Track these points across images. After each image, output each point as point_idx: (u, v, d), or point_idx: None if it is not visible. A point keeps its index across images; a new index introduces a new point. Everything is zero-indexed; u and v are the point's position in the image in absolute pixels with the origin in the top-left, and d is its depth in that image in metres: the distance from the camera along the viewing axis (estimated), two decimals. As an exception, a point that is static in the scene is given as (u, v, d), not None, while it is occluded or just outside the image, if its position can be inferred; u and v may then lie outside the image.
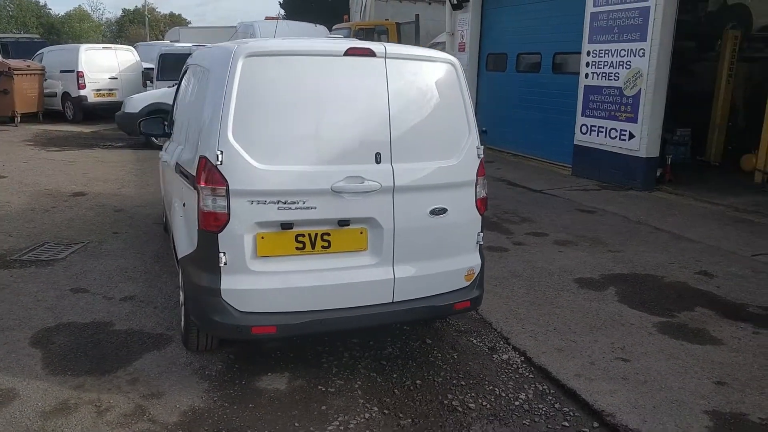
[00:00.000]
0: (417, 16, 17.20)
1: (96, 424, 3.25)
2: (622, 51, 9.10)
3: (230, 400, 3.53)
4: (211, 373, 3.82)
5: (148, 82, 16.99)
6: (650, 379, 3.76)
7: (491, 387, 3.74)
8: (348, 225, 3.46)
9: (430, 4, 20.76)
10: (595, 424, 3.37)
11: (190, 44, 16.51)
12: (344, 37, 14.76)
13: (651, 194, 8.93)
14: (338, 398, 3.58)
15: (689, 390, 3.65)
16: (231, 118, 3.24)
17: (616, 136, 9.37)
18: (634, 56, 8.90)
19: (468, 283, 3.85)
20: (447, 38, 13.76)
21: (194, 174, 3.39)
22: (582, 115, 10.02)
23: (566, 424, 3.39)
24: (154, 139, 9.37)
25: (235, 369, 3.87)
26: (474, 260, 3.87)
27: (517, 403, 3.58)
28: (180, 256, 3.69)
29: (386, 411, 3.48)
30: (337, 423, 3.34)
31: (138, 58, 17.44)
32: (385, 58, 3.49)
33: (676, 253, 6.21)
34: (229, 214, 3.28)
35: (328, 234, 3.45)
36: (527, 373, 3.91)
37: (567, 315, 4.70)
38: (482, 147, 3.78)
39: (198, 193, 3.34)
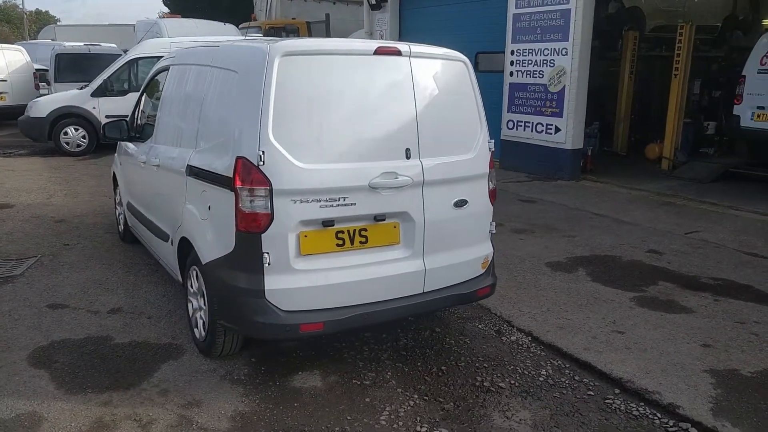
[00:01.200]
0: (327, 15, 17.27)
1: (149, 438, 3.14)
2: (546, 50, 9.72)
3: (272, 401, 3.52)
4: (239, 377, 3.77)
5: (44, 84, 15.83)
6: (648, 348, 4.15)
7: (512, 366, 3.97)
8: (384, 220, 3.56)
9: (334, 3, 20.87)
10: (617, 391, 3.69)
11: (81, 43, 15.57)
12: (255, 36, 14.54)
13: (578, 183, 9.62)
14: (377, 390, 3.67)
15: (683, 354, 4.08)
16: (271, 118, 3.23)
17: (543, 131, 9.99)
18: (558, 55, 9.54)
19: (483, 270, 4.05)
20: (366, 38, 13.93)
21: (229, 175, 3.34)
22: (508, 111, 10.58)
23: (591, 393, 3.68)
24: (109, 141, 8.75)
25: (262, 371, 3.84)
26: (488, 248, 4.08)
27: (541, 379, 3.83)
28: (207, 260, 3.60)
29: (426, 397, 3.61)
30: (387, 413, 3.43)
31: (29, 59, 16.17)
32: (410, 57, 3.62)
33: (622, 235, 6.78)
34: (272, 214, 3.28)
35: (365, 229, 3.52)
36: (539, 351, 4.18)
37: (552, 296, 5.04)
38: (492, 141, 4.00)
39: (236, 195, 3.29)
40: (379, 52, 3.53)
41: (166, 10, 34.28)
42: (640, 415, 3.44)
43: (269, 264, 3.31)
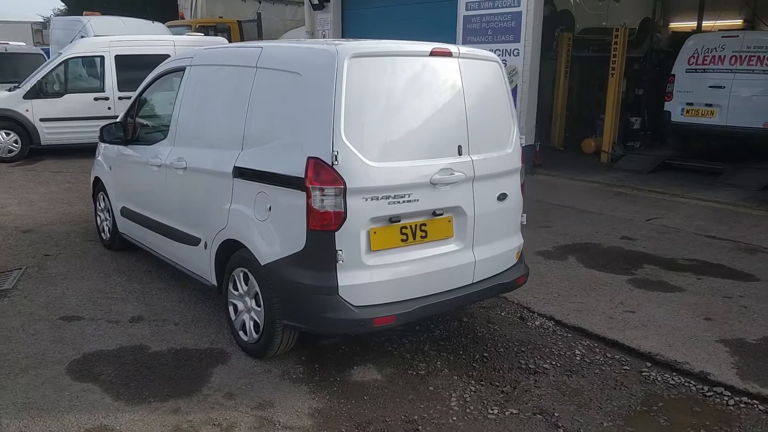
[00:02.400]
0: (259, 14, 17.03)
1: (237, 441, 3.13)
2: (497, 51, 10.11)
3: (342, 396, 3.58)
4: (297, 376, 3.79)
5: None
6: (662, 324, 4.54)
7: (547, 349, 4.24)
8: (441, 215, 3.71)
9: (260, 2, 20.54)
10: (648, 364, 4.03)
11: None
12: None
13: (533, 177, 10.10)
14: (435, 379, 3.81)
15: (692, 327, 4.50)
16: (342, 119, 3.30)
17: (495, 127, 10.40)
18: (509, 55, 9.99)
19: (517, 260, 4.29)
20: (307, 38, 13.89)
21: (298, 176, 3.37)
22: (459, 109, 10.91)
23: (627, 368, 4.00)
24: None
25: (317, 369, 3.89)
26: (520, 239, 4.32)
27: (577, 358, 4.12)
28: (268, 260, 3.60)
29: (482, 383, 3.79)
30: (455, 399, 3.59)
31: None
32: (459, 57, 3.78)
33: (593, 224, 7.26)
34: (345, 212, 3.34)
35: (425, 224, 3.66)
36: (566, 334, 4.47)
37: (557, 282, 5.37)
38: (523, 137, 4.23)
39: (308, 194, 3.33)
40: (434, 53, 3.67)
41: (61, 6, 32.16)
42: (678, 384, 3.79)
43: (342, 261, 3.38)
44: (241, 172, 3.82)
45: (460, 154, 3.74)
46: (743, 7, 15.81)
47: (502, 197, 4.01)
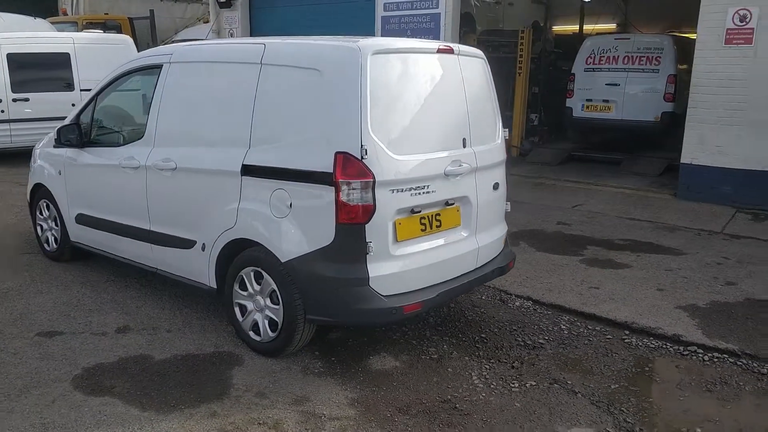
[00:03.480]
0: (152, 11, 16.20)
1: (292, 435, 3.15)
2: (416, 50, 10.47)
3: (371, 384, 3.67)
4: (319, 370, 3.83)
5: None
6: (625, 297, 5.03)
7: (536, 326, 4.56)
8: (452, 204, 3.90)
9: (145, -1, 19.59)
10: (626, 332, 4.47)
11: None
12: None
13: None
14: (449, 361, 4.00)
15: (651, 298, 5.02)
16: (369, 114, 3.39)
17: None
18: (429, 55, 10.35)
19: (503, 245, 4.57)
20: (213, 37, 13.51)
21: (325, 171, 3.41)
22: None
23: (609, 337, 4.41)
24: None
25: (333, 362, 3.94)
26: (505, 226, 4.62)
27: (565, 332, 4.47)
28: (290, 257, 3.60)
29: (492, 361, 4.03)
30: (476, 377, 3.80)
31: None
32: (458, 54, 3.99)
33: (530, 213, 7.75)
34: (374, 204, 3.44)
35: (439, 214, 3.84)
36: (546, 311, 4.83)
37: (521, 266, 5.68)
38: (506, 130, 4.52)
39: (337, 188, 3.39)
40: (440, 50, 3.85)
41: None
42: (658, 347, 4.25)
43: (372, 252, 3.47)
44: (250, 170, 3.78)
45: (464, 146, 3.95)
46: (617, 13, 17.43)
47: (496, 186, 4.28)
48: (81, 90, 10.74)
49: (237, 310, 4.03)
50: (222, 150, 3.96)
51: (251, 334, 3.97)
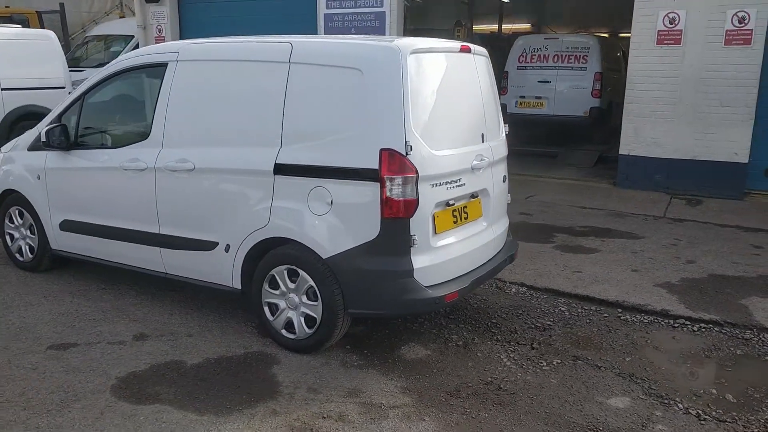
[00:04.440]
0: (62, 5, 15.27)
1: (366, 426, 3.24)
2: (361, 49, 10.59)
3: (414, 372, 3.81)
4: (357, 363, 3.92)
5: None
6: (608, 278, 5.45)
7: (539, 309, 4.86)
8: (477, 197, 4.10)
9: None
10: (620, 310, 4.86)
11: None
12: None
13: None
14: (475, 346, 4.20)
15: (630, 278, 5.47)
16: (410, 111, 3.52)
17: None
18: (374, 53, 10.50)
19: (507, 236, 4.83)
20: (139, 32, 12.94)
21: (370, 167, 3.51)
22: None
23: (606, 315, 4.79)
24: None
25: (367, 354, 4.04)
26: (507, 218, 4.87)
27: (566, 314, 4.80)
28: (333, 253, 3.65)
29: (511, 343, 4.28)
30: (506, 359, 4.03)
31: None
32: (474, 54, 4.19)
33: (489, 204, 8.12)
34: (418, 198, 3.57)
35: (466, 206, 4.03)
36: (542, 295, 5.14)
37: (503, 255, 6.04)
38: (506, 125, 4.78)
39: (382, 184, 3.49)
40: (461, 49, 4.04)
41: None
42: (651, 321, 4.67)
43: (416, 245, 3.60)
44: (283, 169, 3.79)
45: (483, 140, 4.17)
46: (531, 15, 18.40)
47: (504, 179, 4.52)
48: (2, 89, 10.01)
49: (267, 309, 4.03)
50: (249, 149, 3.94)
51: (284, 332, 3.98)
